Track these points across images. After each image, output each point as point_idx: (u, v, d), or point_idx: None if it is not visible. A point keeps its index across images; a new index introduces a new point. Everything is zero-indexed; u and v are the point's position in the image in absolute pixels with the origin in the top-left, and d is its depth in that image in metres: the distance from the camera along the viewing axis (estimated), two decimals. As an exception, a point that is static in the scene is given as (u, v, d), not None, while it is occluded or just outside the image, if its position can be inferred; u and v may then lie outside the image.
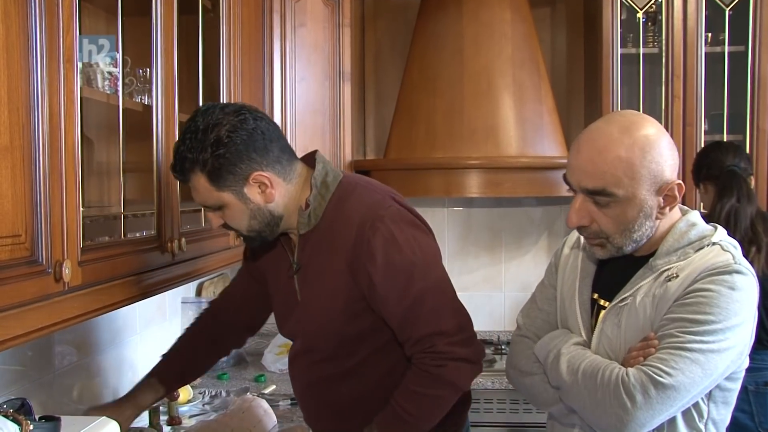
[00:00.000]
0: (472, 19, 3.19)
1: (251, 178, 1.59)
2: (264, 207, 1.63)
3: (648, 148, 1.38)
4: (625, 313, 1.43)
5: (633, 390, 1.31)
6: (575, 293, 1.54)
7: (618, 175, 1.37)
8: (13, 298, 1.23)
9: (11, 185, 1.22)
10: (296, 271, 1.73)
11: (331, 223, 1.65)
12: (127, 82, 1.82)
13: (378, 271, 1.59)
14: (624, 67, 3.12)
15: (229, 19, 2.35)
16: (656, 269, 1.42)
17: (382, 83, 3.60)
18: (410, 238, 1.63)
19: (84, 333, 2.23)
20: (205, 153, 1.54)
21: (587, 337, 1.49)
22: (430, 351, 1.60)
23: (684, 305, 1.35)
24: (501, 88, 3.15)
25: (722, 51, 3.10)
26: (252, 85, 2.66)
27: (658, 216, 1.42)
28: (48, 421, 1.43)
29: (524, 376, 1.56)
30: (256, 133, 1.58)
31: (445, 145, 3.12)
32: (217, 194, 1.59)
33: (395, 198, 1.71)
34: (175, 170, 1.61)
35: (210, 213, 1.67)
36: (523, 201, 3.53)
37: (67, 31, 1.37)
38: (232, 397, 2.64)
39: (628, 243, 1.43)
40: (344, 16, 3.09)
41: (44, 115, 1.30)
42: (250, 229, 1.66)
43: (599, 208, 1.41)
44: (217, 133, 1.54)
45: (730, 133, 3.11)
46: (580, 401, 1.40)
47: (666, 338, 1.34)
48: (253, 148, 1.57)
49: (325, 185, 1.67)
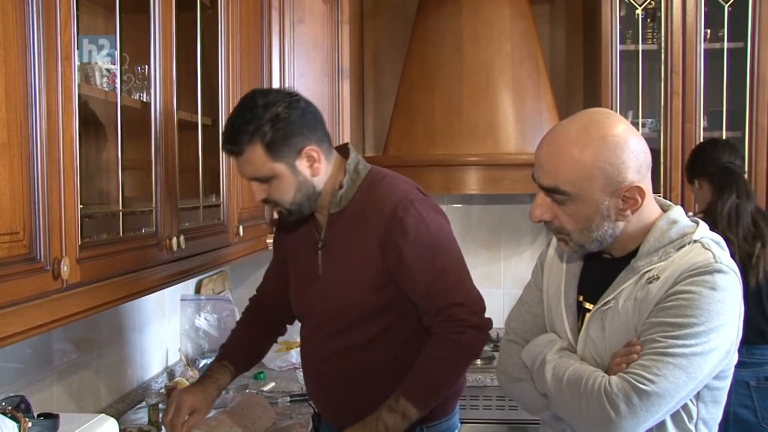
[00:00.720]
0: (471, 15, 3.18)
1: (303, 151, 1.76)
2: (310, 180, 1.79)
3: (603, 150, 1.35)
4: (609, 316, 1.42)
5: (616, 399, 1.30)
6: (561, 296, 1.54)
7: (570, 174, 1.37)
8: (11, 296, 1.23)
9: (9, 182, 1.22)
10: (321, 247, 1.88)
11: (361, 206, 1.83)
12: (126, 79, 1.82)
13: (408, 245, 1.77)
14: (623, 64, 3.12)
15: (228, 15, 2.35)
16: (638, 271, 1.41)
17: (381, 80, 3.60)
18: (435, 220, 1.83)
19: (83, 330, 2.23)
20: (266, 126, 1.71)
21: (573, 340, 1.48)
22: (451, 320, 1.77)
23: (665, 309, 1.33)
24: (500, 84, 3.15)
25: (721, 47, 3.10)
26: (251, 82, 2.65)
27: (619, 218, 1.39)
28: (47, 419, 1.44)
29: (513, 382, 1.56)
30: (308, 111, 1.78)
31: (444, 142, 3.12)
32: (270, 165, 1.74)
33: (419, 189, 1.89)
34: (231, 142, 1.74)
35: (255, 185, 1.79)
36: (522, 198, 3.53)
37: (64, 28, 1.37)
38: (232, 394, 2.64)
39: (588, 242, 1.42)
40: (343, 13, 3.09)
41: (42, 112, 1.30)
42: (293, 201, 1.80)
43: (558, 206, 1.42)
44: (276, 109, 1.73)
45: (729, 130, 3.12)
46: (566, 410, 1.40)
47: (648, 344, 1.33)
48: (306, 125, 1.76)
49: (357, 172, 1.86)
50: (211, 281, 3.24)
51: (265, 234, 2.89)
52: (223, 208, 2.33)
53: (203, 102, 2.16)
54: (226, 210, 2.36)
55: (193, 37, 2.12)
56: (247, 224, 2.56)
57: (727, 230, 2.49)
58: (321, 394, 1.99)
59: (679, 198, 3.14)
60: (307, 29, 3.01)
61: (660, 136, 3.13)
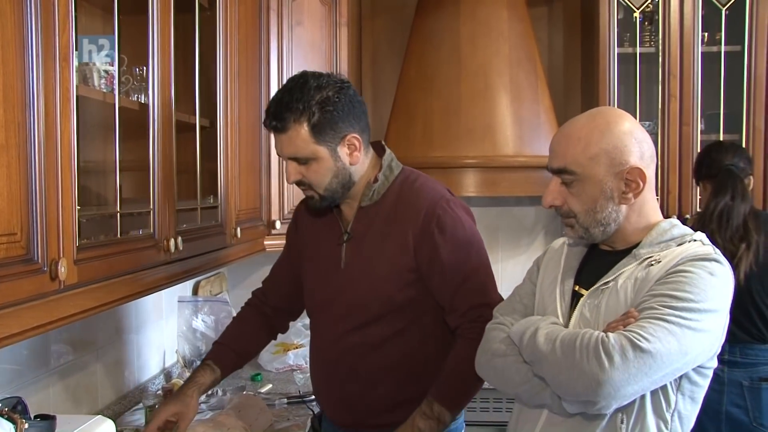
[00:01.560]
0: (469, 17, 3.19)
1: (347, 138, 1.78)
2: (348, 168, 1.81)
3: (607, 132, 1.47)
4: (606, 295, 1.47)
5: (612, 350, 1.32)
6: (557, 284, 1.59)
7: (576, 155, 1.48)
8: (8, 297, 1.23)
9: (6, 183, 1.22)
10: (347, 239, 1.87)
11: (394, 202, 1.84)
12: (124, 80, 1.82)
13: (445, 242, 1.79)
14: (621, 67, 3.13)
15: (226, 17, 2.35)
16: (639, 257, 1.48)
17: (379, 82, 3.60)
18: (468, 221, 1.87)
19: (80, 332, 2.22)
20: (315, 106, 1.73)
21: (565, 322, 1.52)
22: (480, 320, 1.74)
23: (665, 283, 1.39)
24: (498, 87, 3.15)
25: (719, 50, 3.11)
26: (249, 84, 2.65)
27: (622, 200, 1.48)
28: (43, 420, 1.43)
29: (495, 358, 1.56)
30: (355, 101, 1.80)
31: (442, 144, 3.12)
32: (313, 147, 1.75)
33: (450, 191, 1.92)
34: (277, 119, 1.74)
35: (292, 166, 1.79)
36: (519, 200, 3.53)
37: (63, 30, 1.37)
38: (229, 395, 2.64)
39: (593, 224, 1.50)
40: (341, 15, 3.09)
41: (40, 113, 1.30)
42: (328, 187, 1.81)
43: (567, 189, 1.51)
44: (326, 92, 1.75)
45: (726, 133, 3.12)
46: (555, 367, 1.40)
47: (646, 310, 1.37)
48: (353, 113, 1.78)
49: (390, 168, 1.88)
50: (208, 283, 3.24)
51: (262, 236, 2.89)
52: (220, 210, 2.33)
53: (201, 103, 2.16)
54: (224, 212, 2.36)
55: (192, 38, 2.12)
56: (244, 226, 2.56)
57: (716, 231, 2.51)
58: (331, 391, 1.97)
59: (677, 200, 3.14)
60: (305, 31, 3.01)
61: (657, 138, 3.13)
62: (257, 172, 2.81)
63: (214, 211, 2.30)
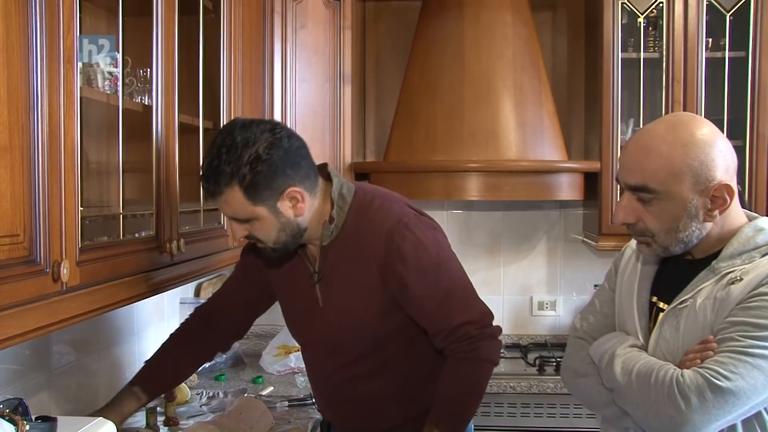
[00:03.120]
0: (473, 22, 3.19)
1: (285, 193, 1.67)
2: (294, 220, 1.71)
3: (691, 146, 1.35)
4: (684, 315, 1.39)
5: (688, 392, 1.26)
6: (633, 295, 1.51)
7: (658, 171, 1.36)
8: (10, 298, 1.23)
9: (10, 185, 1.22)
10: (318, 280, 1.81)
11: (354, 233, 1.75)
12: (128, 82, 1.82)
13: (410, 273, 1.71)
14: (624, 72, 3.12)
15: (230, 19, 2.35)
16: (719, 272, 1.38)
17: (382, 85, 3.60)
18: (433, 240, 1.77)
19: (82, 333, 2.22)
20: (244, 168, 1.61)
21: (644, 339, 1.45)
22: (464, 339, 1.73)
23: (747, 308, 1.30)
24: (501, 91, 3.15)
25: (723, 56, 3.10)
26: (252, 87, 2.65)
27: (707, 218, 1.38)
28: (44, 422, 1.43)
29: (578, 378, 1.53)
30: (291, 150, 1.66)
31: (445, 148, 3.12)
32: (251, 208, 1.66)
33: (409, 205, 1.82)
34: (209, 183, 1.65)
35: (236, 224, 1.72)
36: (522, 205, 3.52)
37: (67, 31, 1.37)
38: (230, 398, 2.64)
39: (674, 243, 1.40)
40: (345, 18, 3.09)
41: (44, 114, 1.30)
42: (276, 241, 1.72)
43: (644, 206, 1.40)
44: (256, 150, 1.61)
45: (730, 138, 3.02)
46: (633, 403, 1.36)
47: (726, 341, 1.29)
48: (289, 164, 1.65)
49: (342, 197, 1.77)
50: (210, 285, 3.23)
51: (265, 238, 2.89)
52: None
53: (205, 106, 2.16)
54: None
55: (195, 40, 2.12)
56: (247, 228, 2.56)
57: None
58: (335, 410, 1.99)
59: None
60: (309, 34, 3.01)
61: (661, 144, 3.12)
62: (260, 175, 2.80)
63: (217, 213, 2.29)
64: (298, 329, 1.95)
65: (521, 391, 2.93)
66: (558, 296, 3.53)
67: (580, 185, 3.18)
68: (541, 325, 3.55)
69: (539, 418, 2.95)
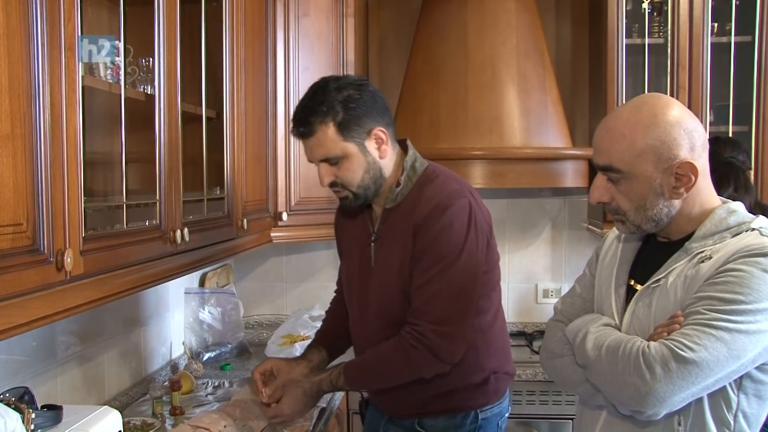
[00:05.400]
0: (477, 8, 3.17)
1: (373, 132, 1.83)
2: (378, 162, 1.85)
3: (653, 127, 1.39)
4: (657, 294, 1.43)
5: (653, 362, 1.29)
6: (612, 279, 1.55)
7: (622, 152, 1.41)
8: (14, 287, 1.23)
9: (12, 174, 1.21)
10: (375, 239, 1.93)
11: (413, 203, 1.86)
12: (130, 71, 1.81)
13: (426, 244, 1.80)
14: (629, 58, 3.11)
15: (233, 8, 2.34)
16: (691, 252, 1.41)
17: (385, 73, 3.59)
18: (463, 234, 1.80)
19: (87, 323, 2.23)
20: (338, 106, 1.79)
21: (619, 319, 1.49)
22: (415, 329, 1.80)
23: (713, 284, 1.33)
24: (505, 78, 3.14)
25: (728, 41, 3.08)
26: (255, 75, 2.65)
27: (673, 195, 1.41)
28: (50, 410, 1.44)
29: (555, 358, 1.57)
30: (377, 95, 1.86)
31: (448, 136, 3.10)
32: (342, 144, 1.80)
33: (473, 194, 1.88)
34: (303, 124, 1.80)
35: (324, 168, 1.84)
36: (526, 192, 3.51)
37: (68, 19, 1.37)
38: (235, 387, 2.64)
39: (644, 221, 1.45)
40: (348, 6, 3.08)
41: (46, 103, 1.30)
42: (360, 184, 1.85)
43: (614, 185, 1.45)
44: (347, 91, 1.80)
45: (735, 124, 3.10)
46: (601, 376, 1.39)
47: (692, 315, 1.32)
48: (376, 108, 1.84)
49: (413, 169, 1.91)
50: (215, 274, 3.24)
51: (269, 227, 2.89)
52: (227, 201, 2.33)
53: (207, 94, 2.16)
54: (231, 203, 2.36)
55: (198, 29, 2.11)
56: (251, 217, 2.56)
57: None
58: None
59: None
60: (311, 22, 3.00)
61: (666, 130, 3.10)
62: (264, 164, 2.80)
63: (221, 202, 2.30)
64: (353, 288, 2.01)
65: (526, 379, 2.93)
66: (563, 284, 3.52)
67: (584, 172, 3.17)
68: (546, 312, 3.53)
69: (544, 405, 2.95)
